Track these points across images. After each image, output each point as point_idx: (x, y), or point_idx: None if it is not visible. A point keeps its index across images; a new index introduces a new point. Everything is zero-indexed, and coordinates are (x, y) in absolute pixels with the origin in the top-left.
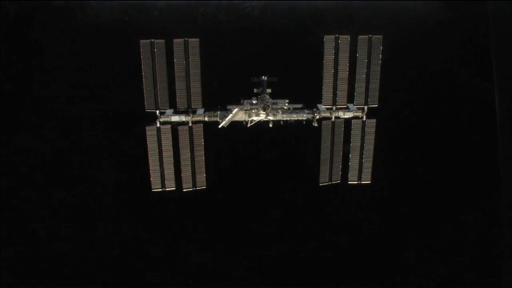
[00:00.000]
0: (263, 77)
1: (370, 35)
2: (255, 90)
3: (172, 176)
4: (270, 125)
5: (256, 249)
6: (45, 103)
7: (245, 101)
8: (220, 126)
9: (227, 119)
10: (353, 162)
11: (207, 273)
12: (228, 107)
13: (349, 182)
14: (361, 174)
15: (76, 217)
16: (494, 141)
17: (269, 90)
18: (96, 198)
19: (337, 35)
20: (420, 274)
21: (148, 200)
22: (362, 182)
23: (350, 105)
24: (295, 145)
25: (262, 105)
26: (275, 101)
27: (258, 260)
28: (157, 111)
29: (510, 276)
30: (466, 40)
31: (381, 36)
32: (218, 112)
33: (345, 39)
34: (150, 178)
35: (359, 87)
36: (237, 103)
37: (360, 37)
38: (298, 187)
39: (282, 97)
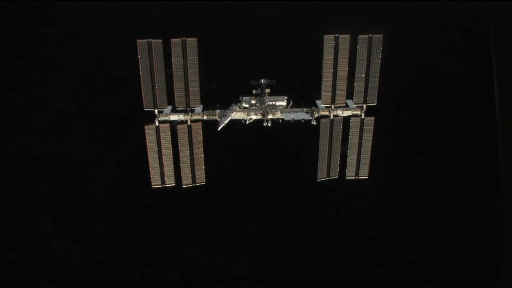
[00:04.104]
0: (262, 80)
1: (370, 35)
2: (254, 91)
3: (172, 173)
4: (269, 124)
5: (254, 246)
6: (45, 103)
7: (244, 98)
8: (218, 129)
9: (225, 121)
10: (351, 159)
11: (206, 271)
12: (226, 111)
13: (347, 178)
14: (358, 170)
15: (75, 216)
16: (494, 141)
17: (268, 90)
18: (95, 196)
19: (336, 35)
20: (418, 273)
21: (148, 198)
22: (360, 178)
23: (349, 102)
24: (294, 142)
25: (261, 111)
26: (273, 101)
27: (257, 258)
28: (156, 110)
29: (509, 276)
30: (466, 40)
31: (381, 36)
32: (217, 111)
33: (345, 39)
34: (150, 175)
35: (358, 86)
36: (236, 100)
37: (360, 36)
38: (297, 183)
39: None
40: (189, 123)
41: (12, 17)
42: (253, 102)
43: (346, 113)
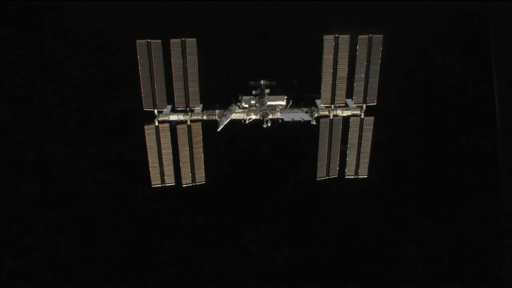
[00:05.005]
0: (262, 81)
1: (370, 35)
2: (253, 92)
3: (172, 172)
4: (269, 124)
5: (254, 245)
6: (44, 103)
7: (244, 97)
8: (218, 130)
9: (225, 122)
10: (351, 158)
11: (206, 271)
12: (225, 111)
13: (346, 177)
14: (358, 169)
15: (75, 216)
16: (494, 141)
17: (267, 91)
18: (95, 196)
19: (336, 35)
20: (418, 273)
21: (148, 198)
22: (359, 177)
23: (348, 101)
24: (294, 141)
25: (260, 113)
26: (273, 101)
27: (257, 257)
28: (155, 110)
29: (509, 276)
30: (466, 40)
31: (381, 36)
32: (217, 111)
33: (344, 39)
34: (150, 175)
35: (358, 86)
36: (236, 100)
37: (360, 36)
38: (296, 182)
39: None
40: (188, 123)
41: (12, 17)
42: (252, 102)
43: (346, 113)
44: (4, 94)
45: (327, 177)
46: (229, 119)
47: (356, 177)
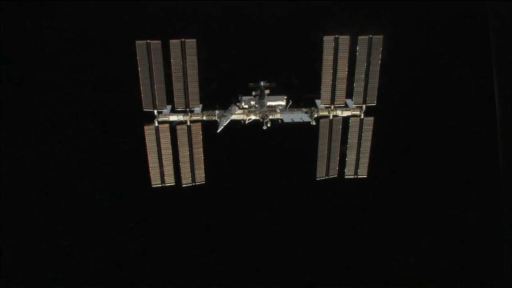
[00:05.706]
0: (262, 82)
1: (370, 35)
2: (253, 93)
3: (172, 172)
4: (268, 125)
5: (254, 245)
6: (44, 103)
7: (243, 98)
8: (218, 131)
9: (225, 123)
10: (350, 158)
11: (206, 271)
12: (225, 112)
13: (346, 176)
14: (357, 169)
15: (75, 216)
16: (494, 141)
17: (267, 91)
18: (95, 196)
19: (336, 36)
20: (418, 273)
21: (148, 198)
22: (358, 176)
23: (348, 101)
24: (294, 141)
25: (260, 115)
26: (272, 101)
27: (257, 257)
28: (155, 111)
29: (510, 276)
30: (466, 40)
31: (381, 36)
32: (216, 112)
33: (344, 40)
34: (149, 175)
35: (358, 86)
36: (236, 100)
37: (360, 37)
38: (296, 182)
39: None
40: (188, 123)
41: (12, 17)
42: (252, 103)
43: (346, 113)
44: (4, 94)
45: (326, 177)
46: (229, 120)
47: (355, 177)
